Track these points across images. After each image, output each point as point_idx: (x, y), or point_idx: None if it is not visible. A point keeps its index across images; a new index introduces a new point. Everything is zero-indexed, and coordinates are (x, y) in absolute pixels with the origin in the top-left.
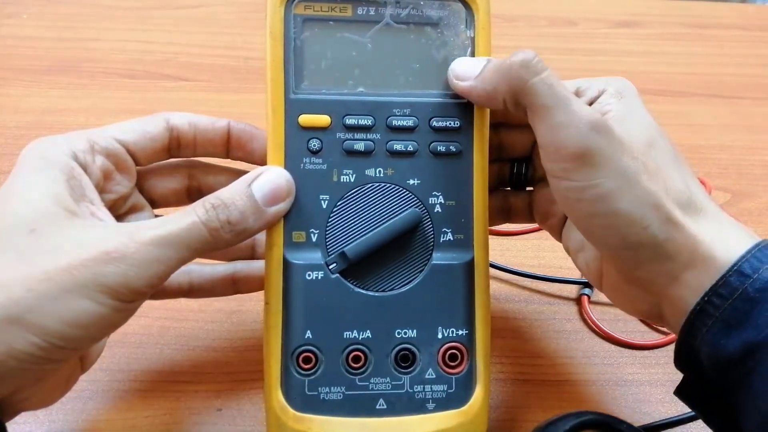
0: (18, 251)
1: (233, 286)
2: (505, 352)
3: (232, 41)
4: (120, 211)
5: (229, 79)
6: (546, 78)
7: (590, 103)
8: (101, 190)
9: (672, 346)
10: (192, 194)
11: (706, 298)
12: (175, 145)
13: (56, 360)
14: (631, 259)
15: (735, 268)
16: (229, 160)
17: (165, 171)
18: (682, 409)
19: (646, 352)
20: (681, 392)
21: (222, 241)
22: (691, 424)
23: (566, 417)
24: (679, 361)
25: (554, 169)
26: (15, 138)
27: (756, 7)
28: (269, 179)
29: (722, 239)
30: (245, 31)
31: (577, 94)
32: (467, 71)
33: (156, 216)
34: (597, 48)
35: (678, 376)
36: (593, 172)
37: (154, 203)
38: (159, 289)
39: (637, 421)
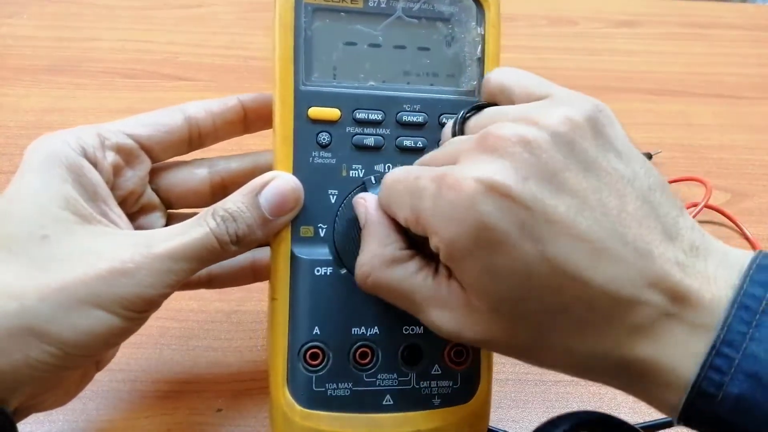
0: (30, 258)
1: (252, 274)
2: None
3: (231, 41)
4: (130, 209)
5: (229, 79)
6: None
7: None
8: (111, 187)
9: None
10: (216, 192)
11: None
12: (196, 136)
13: (71, 368)
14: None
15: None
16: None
17: (184, 169)
18: None
19: None
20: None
21: (230, 253)
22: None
23: (567, 417)
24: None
25: None
26: (15, 138)
27: (756, 7)
28: (277, 189)
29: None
30: (245, 30)
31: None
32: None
33: (168, 213)
34: (597, 47)
35: None
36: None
37: (172, 204)
38: None
39: (638, 420)
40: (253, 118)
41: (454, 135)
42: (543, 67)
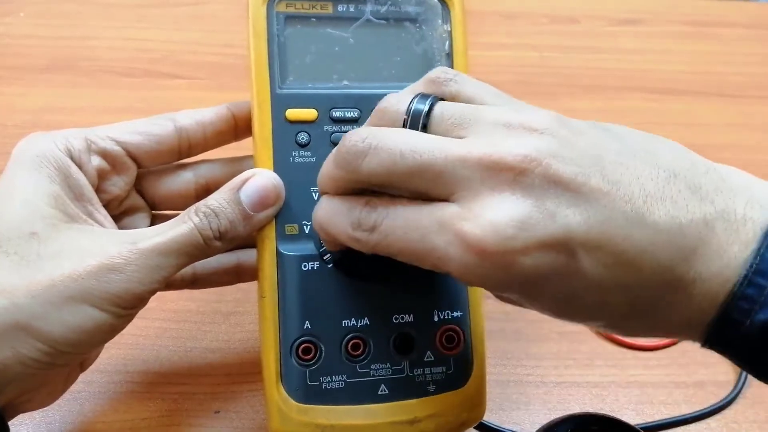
0: (20, 255)
1: (237, 275)
2: (507, 354)
3: (229, 39)
4: (114, 212)
5: (227, 77)
6: None
7: None
8: (96, 190)
9: (674, 348)
10: (200, 194)
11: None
12: (186, 147)
13: (61, 365)
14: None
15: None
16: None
17: (170, 172)
18: (683, 410)
19: (649, 354)
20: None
21: (215, 248)
22: (692, 424)
23: (568, 419)
24: (715, 340)
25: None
26: (12, 137)
27: (759, 6)
28: (257, 185)
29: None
30: (243, 28)
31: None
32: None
33: (153, 215)
34: (599, 46)
35: (681, 378)
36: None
37: (156, 206)
38: None
39: (639, 422)
40: (243, 127)
41: (405, 126)
42: (544, 65)
